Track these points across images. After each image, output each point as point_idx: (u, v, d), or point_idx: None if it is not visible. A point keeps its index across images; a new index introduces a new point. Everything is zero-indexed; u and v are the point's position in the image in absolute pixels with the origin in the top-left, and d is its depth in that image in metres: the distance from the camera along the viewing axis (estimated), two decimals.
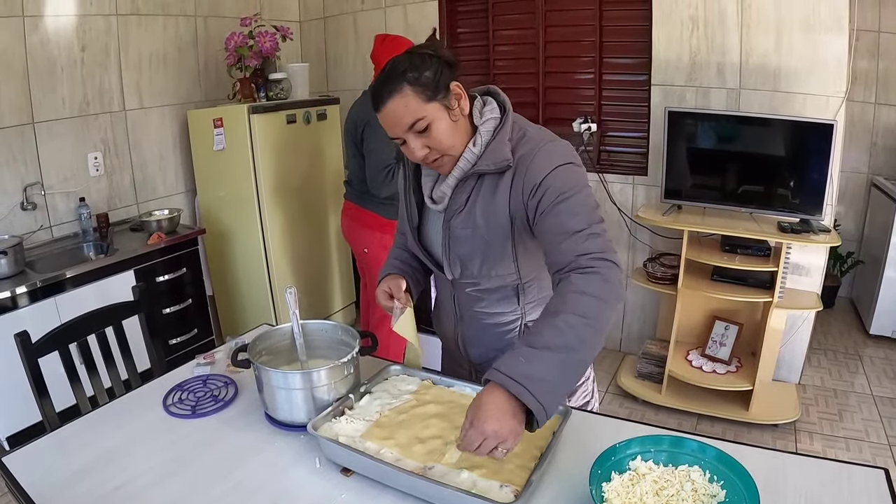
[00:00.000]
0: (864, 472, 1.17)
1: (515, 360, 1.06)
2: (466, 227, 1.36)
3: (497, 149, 1.30)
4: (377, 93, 1.26)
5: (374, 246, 2.94)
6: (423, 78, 1.23)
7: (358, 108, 2.80)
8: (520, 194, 1.29)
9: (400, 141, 1.30)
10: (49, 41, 3.01)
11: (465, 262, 1.40)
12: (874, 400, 3.10)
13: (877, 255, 3.78)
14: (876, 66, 3.91)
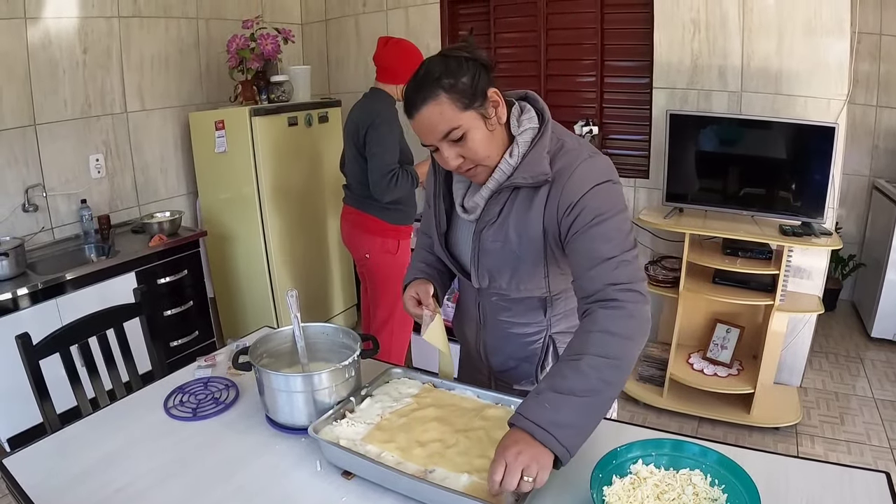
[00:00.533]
0: (866, 475, 1.16)
1: (541, 406, 1.07)
2: (497, 240, 1.33)
3: (535, 161, 1.26)
4: (410, 98, 1.22)
5: (376, 251, 2.92)
6: (459, 84, 1.18)
7: (360, 111, 2.77)
8: (555, 211, 1.25)
9: (433, 148, 1.26)
10: (51, 43, 3.02)
11: (494, 274, 1.37)
12: (875, 403, 3.09)
13: (878, 258, 3.78)
14: (877, 68, 3.91)
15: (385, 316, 3.04)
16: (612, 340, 1.12)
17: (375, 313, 3.07)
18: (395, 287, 3.00)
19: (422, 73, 1.22)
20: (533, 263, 1.33)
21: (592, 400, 1.09)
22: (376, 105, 2.74)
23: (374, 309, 3.08)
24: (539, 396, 1.09)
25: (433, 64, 1.22)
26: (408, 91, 1.23)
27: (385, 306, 3.03)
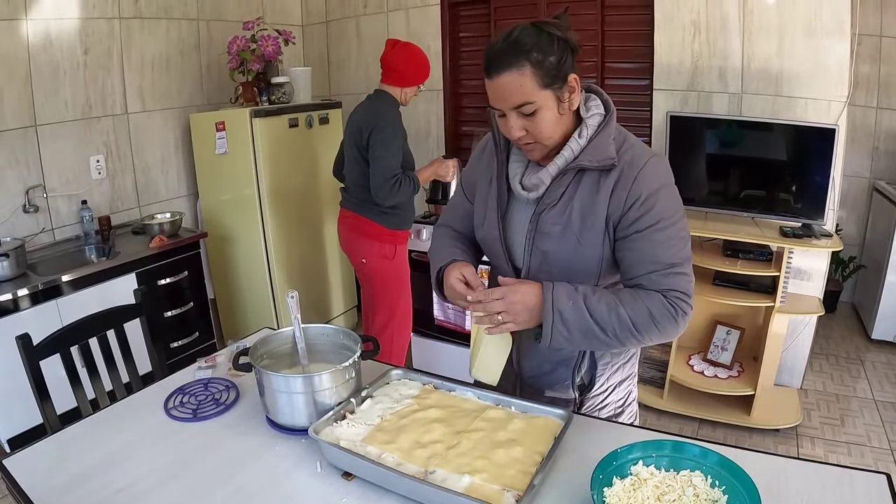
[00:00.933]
0: (867, 476, 1.16)
1: (569, 298, 1.21)
2: (558, 223, 1.30)
3: (601, 145, 1.25)
4: (493, 57, 1.18)
5: (373, 256, 2.90)
6: (546, 62, 1.17)
7: (364, 112, 2.75)
8: (622, 200, 1.25)
9: (498, 112, 1.24)
10: (52, 44, 3.03)
11: (548, 258, 1.32)
12: (876, 405, 3.09)
13: (879, 260, 3.78)
14: (878, 70, 3.91)
15: (385, 319, 3.03)
16: (649, 322, 1.22)
17: (375, 317, 3.06)
18: (394, 290, 3.00)
19: (512, 38, 1.18)
20: (591, 251, 1.30)
21: (595, 333, 1.22)
22: (381, 108, 2.73)
23: (372, 313, 3.07)
24: (575, 293, 1.22)
25: (526, 33, 1.18)
26: (493, 50, 1.19)
27: (384, 310, 3.03)
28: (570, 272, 1.31)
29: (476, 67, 3.89)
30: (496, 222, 1.38)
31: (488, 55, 1.19)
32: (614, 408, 1.51)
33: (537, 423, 1.28)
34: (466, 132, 4.05)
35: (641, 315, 1.21)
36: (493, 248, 1.42)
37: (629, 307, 1.21)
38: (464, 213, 1.53)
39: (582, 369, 1.44)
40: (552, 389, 1.47)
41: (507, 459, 1.16)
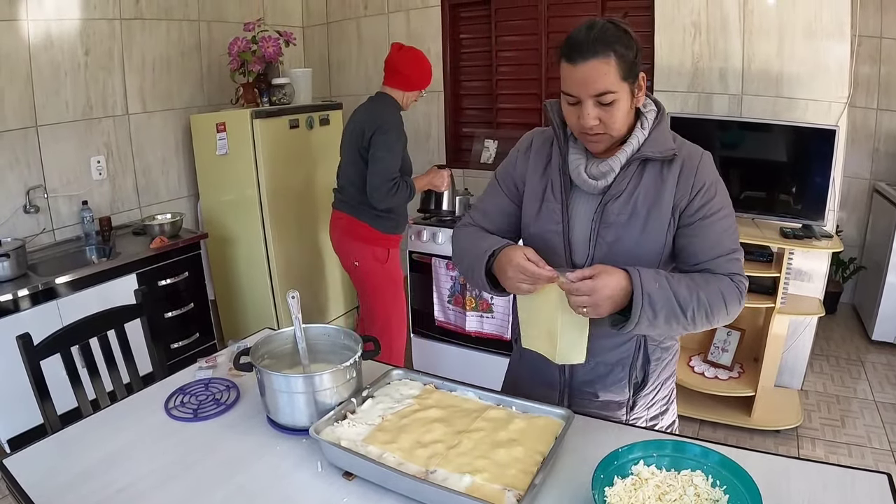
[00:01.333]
0: (868, 476, 1.17)
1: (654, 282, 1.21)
2: (624, 212, 1.32)
3: (661, 137, 1.31)
4: (579, 43, 1.19)
5: (367, 259, 2.90)
6: (627, 56, 1.20)
7: (366, 114, 2.75)
8: (689, 188, 1.30)
9: (573, 100, 1.24)
10: (53, 45, 3.03)
11: (612, 248, 1.33)
12: (876, 406, 3.09)
13: (879, 261, 3.78)
14: (878, 71, 3.92)
15: (383, 320, 3.04)
16: (721, 303, 1.27)
17: (373, 319, 3.06)
18: (388, 294, 3.01)
19: (597, 28, 1.20)
20: (654, 240, 1.32)
21: (677, 318, 1.23)
22: (385, 110, 2.73)
23: (369, 317, 3.07)
24: (659, 276, 1.23)
25: (609, 27, 1.21)
26: (578, 37, 1.20)
27: (381, 311, 3.03)
28: (633, 262, 1.29)
29: (477, 68, 3.90)
30: (559, 214, 1.37)
31: (573, 42, 1.20)
32: (660, 406, 1.51)
33: (538, 422, 1.28)
34: (467, 133, 4.05)
35: (716, 297, 1.26)
36: (551, 242, 1.39)
37: (704, 290, 1.25)
38: (498, 211, 1.49)
39: (637, 367, 1.43)
40: (607, 391, 1.44)
41: (507, 459, 1.16)
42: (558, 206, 1.37)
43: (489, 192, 1.52)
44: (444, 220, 3.34)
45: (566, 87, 1.24)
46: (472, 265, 1.39)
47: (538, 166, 1.42)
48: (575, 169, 1.35)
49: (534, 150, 1.44)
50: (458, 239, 1.51)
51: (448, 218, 3.33)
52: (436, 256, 3.30)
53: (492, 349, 3.27)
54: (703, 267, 1.31)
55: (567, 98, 1.25)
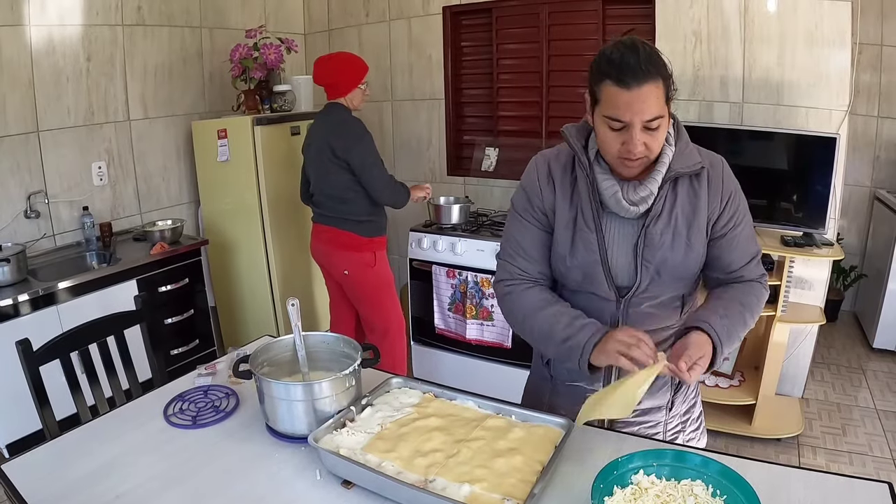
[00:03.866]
0: (868, 486, 1.16)
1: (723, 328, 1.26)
2: (667, 232, 1.30)
3: (685, 149, 1.31)
4: (635, 67, 1.14)
5: (355, 266, 2.93)
6: (668, 77, 1.19)
7: (330, 127, 2.78)
8: (718, 199, 1.32)
9: (619, 125, 1.19)
10: (55, 50, 3.04)
11: (659, 268, 1.32)
12: (878, 414, 3.08)
13: (880, 269, 3.77)
14: (879, 79, 3.92)
15: (384, 327, 3.05)
16: (758, 309, 1.36)
17: (373, 326, 3.08)
18: (383, 298, 3.03)
19: (645, 50, 1.17)
20: (697, 254, 1.34)
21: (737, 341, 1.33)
22: (345, 118, 2.78)
23: (368, 322, 3.10)
24: (725, 319, 1.28)
25: (654, 49, 1.19)
26: (628, 59, 1.15)
27: (381, 318, 3.05)
28: (678, 279, 1.36)
29: (478, 76, 3.90)
30: (594, 243, 1.33)
31: (624, 64, 1.15)
32: (689, 405, 1.56)
33: (537, 431, 1.28)
34: (467, 141, 4.06)
35: (757, 307, 1.35)
36: (591, 273, 1.34)
37: (749, 309, 1.33)
38: (537, 246, 1.40)
39: None
40: (652, 398, 1.45)
41: (507, 468, 1.16)
42: (593, 235, 1.32)
43: (517, 229, 1.42)
44: (443, 227, 3.35)
45: (613, 111, 1.18)
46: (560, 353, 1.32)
47: (565, 194, 1.36)
48: (612, 196, 1.28)
49: (556, 178, 1.36)
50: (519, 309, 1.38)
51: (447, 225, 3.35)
52: (436, 264, 3.30)
53: (492, 357, 3.26)
54: (737, 275, 1.37)
55: (611, 123, 1.19)
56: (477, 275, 3.17)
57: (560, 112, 3.66)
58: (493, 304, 3.16)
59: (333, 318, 3.30)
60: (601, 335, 1.25)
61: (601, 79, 1.19)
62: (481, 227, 3.36)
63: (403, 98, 4.13)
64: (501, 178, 3.84)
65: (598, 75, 1.20)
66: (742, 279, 1.38)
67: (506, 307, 1.42)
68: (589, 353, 1.25)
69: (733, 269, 1.37)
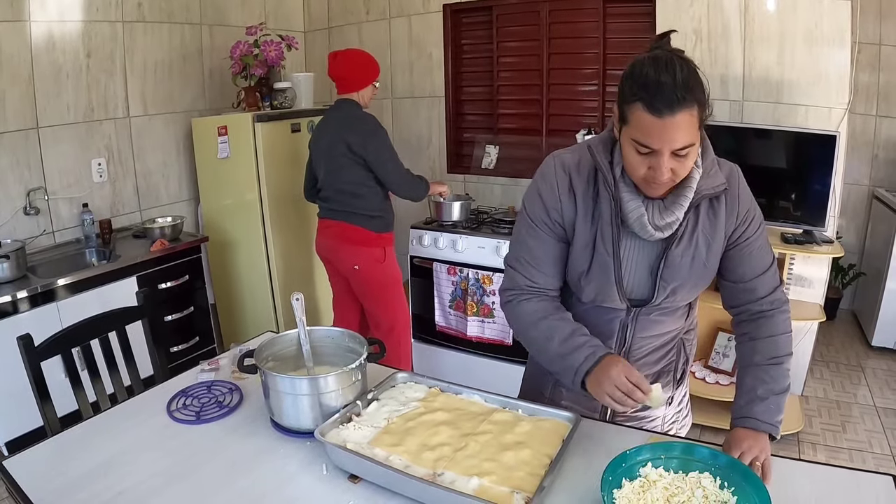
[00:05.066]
0: (873, 478, 1.17)
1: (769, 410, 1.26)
2: (687, 254, 1.28)
3: (712, 171, 1.25)
4: (670, 93, 1.06)
5: (365, 261, 2.92)
6: (704, 102, 1.12)
7: (342, 123, 2.80)
8: (736, 216, 1.29)
9: (646, 150, 1.12)
10: (55, 46, 3.03)
11: (677, 289, 1.31)
12: (877, 411, 3.09)
13: (879, 267, 3.78)
14: (877, 78, 3.93)
15: (390, 323, 3.05)
16: (789, 339, 1.35)
17: (378, 322, 3.07)
18: (391, 293, 3.03)
19: (682, 73, 1.08)
20: (712, 272, 1.33)
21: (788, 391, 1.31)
22: (357, 114, 2.80)
23: (374, 318, 3.09)
24: (766, 401, 1.26)
25: (685, 66, 1.11)
26: (664, 82, 1.07)
27: (387, 314, 3.04)
28: (691, 294, 1.36)
29: (479, 74, 3.90)
30: (611, 266, 1.29)
31: (661, 90, 1.07)
32: (683, 394, 1.56)
33: (545, 425, 1.28)
34: (468, 139, 4.06)
35: (787, 343, 1.34)
36: (605, 291, 1.32)
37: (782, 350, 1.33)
38: (551, 259, 1.35)
39: (678, 368, 1.48)
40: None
41: (515, 461, 1.16)
42: (611, 259, 1.29)
43: (531, 239, 1.35)
44: (444, 224, 3.35)
45: (642, 137, 1.11)
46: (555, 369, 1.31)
47: (587, 212, 1.30)
48: (637, 220, 1.23)
49: (578, 192, 1.30)
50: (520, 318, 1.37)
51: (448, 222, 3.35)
52: (437, 261, 3.30)
53: (493, 354, 3.26)
54: (750, 285, 1.34)
55: (639, 147, 1.13)
56: (478, 272, 3.17)
57: (560, 110, 3.66)
58: (495, 301, 3.16)
59: (337, 315, 3.29)
60: (594, 361, 1.23)
61: (632, 100, 1.11)
62: (482, 224, 3.36)
63: (403, 96, 4.13)
64: (502, 176, 3.85)
65: (629, 95, 1.12)
66: (757, 297, 1.34)
67: (508, 315, 1.41)
68: (581, 378, 1.24)
69: (746, 279, 1.34)
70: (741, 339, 1.38)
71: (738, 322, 1.40)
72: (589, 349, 1.25)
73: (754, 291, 1.34)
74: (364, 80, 2.85)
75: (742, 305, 1.37)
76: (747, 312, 1.37)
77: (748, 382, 1.30)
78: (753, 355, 1.33)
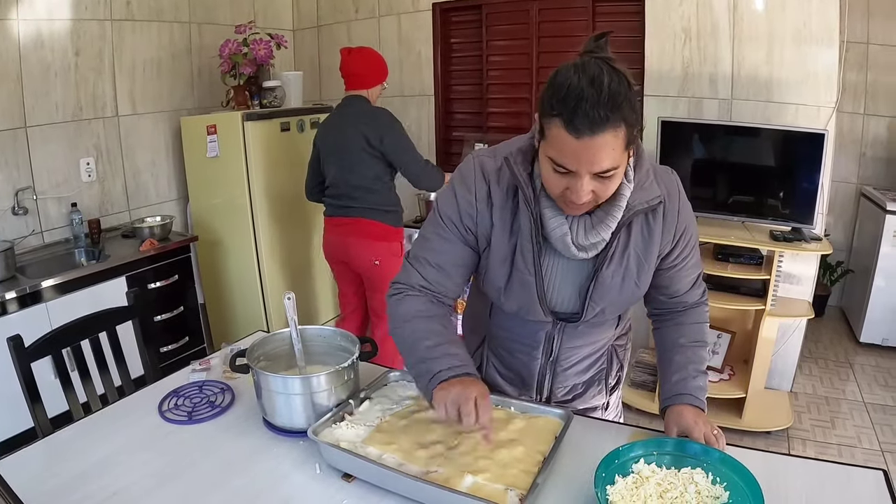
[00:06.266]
0: (864, 473, 1.19)
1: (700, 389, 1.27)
2: (617, 274, 1.21)
3: (646, 183, 1.16)
4: (591, 111, 0.95)
5: (385, 256, 2.91)
6: (632, 119, 0.99)
7: (359, 118, 2.79)
8: (672, 234, 1.23)
9: (563, 170, 1.03)
10: (43, 45, 3.00)
11: (606, 308, 1.25)
12: (866, 407, 3.12)
13: (866, 265, 3.82)
14: (865, 77, 3.97)
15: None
16: (708, 328, 1.37)
17: (381, 320, 3.05)
18: None
19: (605, 86, 0.96)
20: (642, 290, 1.28)
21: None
22: (375, 109, 2.82)
23: (375, 307, 3.07)
24: (697, 379, 1.27)
25: (615, 80, 0.98)
26: (589, 100, 0.96)
27: None
28: (623, 309, 1.34)
29: (467, 72, 3.90)
30: (533, 285, 1.22)
31: (582, 107, 0.96)
32: (617, 401, 1.56)
33: (537, 422, 1.28)
34: (457, 138, 4.06)
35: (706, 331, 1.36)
36: (527, 307, 1.26)
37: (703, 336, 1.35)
38: (454, 263, 1.26)
39: (612, 374, 1.49)
40: (587, 402, 1.48)
41: (508, 459, 1.16)
42: (531, 278, 1.21)
43: (437, 239, 1.26)
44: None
45: (560, 157, 1.01)
46: (414, 370, 1.23)
47: (504, 226, 1.21)
48: (559, 239, 1.15)
49: (496, 204, 1.21)
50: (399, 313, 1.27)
51: None
52: None
53: None
54: (680, 299, 1.35)
55: (555, 167, 1.04)
56: None
57: None
58: None
59: (347, 318, 3.26)
60: (455, 374, 1.15)
61: (550, 114, 1.00)
62: None
63: (393, 94, 4.11)
64: None
65: (547, 107, 1.01)
66: (684, 303, 1.36)
67: (390, 309, 1.30)
68: (436, 384, 1.15)
69: (678, 294, 1.34)
70: (664, 322, 1.39)
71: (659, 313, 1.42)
72: (455, 361, 1.17)
73: (681, 301, 1.36)
74: (377, 78, 2.89)
75: (666, 310, 1.39)
76: (671, 311, 1.39)
77: (679, 360, 1.30)
78: (679, 337, 1.34)
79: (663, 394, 1.30)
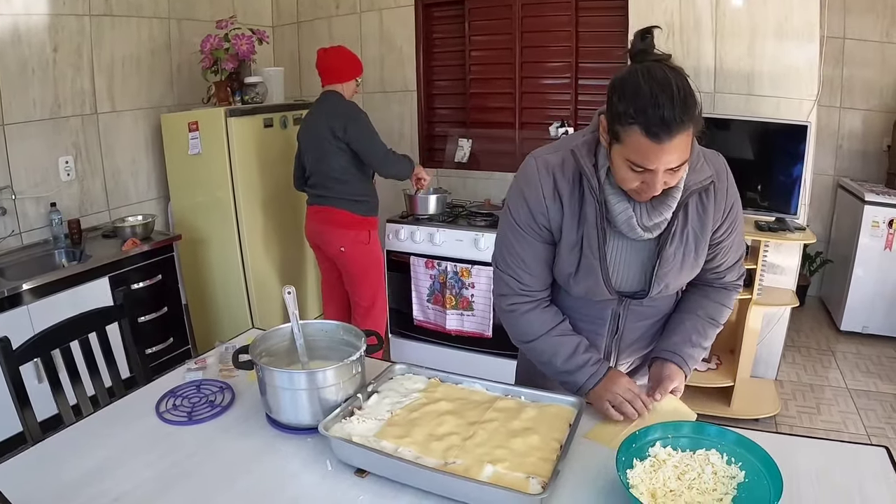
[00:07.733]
0: (867, 450, 1.23)
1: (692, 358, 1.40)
2: (679, 252, 1.30)
3: (698, 165, 1.24)
4: (669, 119, 1.04)
5: (350, 243, 3.05)
6: (699, 118, 1.09)
7: (328, 112, 2.92)
8: (723, 210, 1.31)
9: (639, 170, 1.11)
10: (20, 41, 2.92)
11: (670, 283, 1.33)
12: (849, 393, 3.18)
13: (845, 255, 3.89)
14: (841, 71, 4.04)
15: (367, 304, 3.18)
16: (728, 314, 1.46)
17: (359, 300, 3.19)
18: (374, 274, 3.18)
19: (683, 91, 1.06)
20: (702, 261, 1.35)
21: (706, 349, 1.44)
22: (344, 103, 2.96)
23: (356, 297, 3.20)
24: (695, 349, 1.39)
25: (681, 82, 1.07)
26: (666, 108, 1.04)
27: (366, 295, 3.17)
28: (684, 283, 1.40)
29: (451, 68, 3.89)
30: (597, 269, 1.29)
31: (661, 116, 1.04)
32: None
33: (549, 410, 1.28)
34: (439, 133, 4.05)
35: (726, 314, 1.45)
36: (594, 290, 1.34)
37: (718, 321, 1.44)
38: (541, 262, 1.36)
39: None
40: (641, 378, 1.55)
41: (525, 447, 1.16)
42: (597, 262, 1.29)
43: (518, 243, 1.35)
44: (420, 218, 3.34)
45: (639, 159, 1.10)
46: (558, 379, 1.41)
47: (573, 214, 1.29)
48: (625, 222, 1.23)
49: (563, 195, 1.28)
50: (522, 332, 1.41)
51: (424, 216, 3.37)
52: (414, 255, 3.29)
53: (473, 347, 3.27)
54: (720, 274, 1.42)
55: (633, 167, 1.12)
56: (456, 265, 3.17)
57: (533, 103, 3.68)
58: (474, 294, 3.16)
59: (326, 300, 3.42)
60: (598, 380, 1.34)
61: (628, 122, 1.07)
62: (458, 217, 3.36)
63: (374, 90, 4.10)
64: (475, 170, 3.85)
65: (623, 116, 1.08)
66: (722, 279, 1.43)
67: (508, 324, 1.44)
68: (585, 394, 1.35)
69: (720, 270, 1.41)
70: (693, 289, 1.47)
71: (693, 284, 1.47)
72: (592, 368, 1.35)
73: (722, 278, 1.43)
74: (349, 73, 3.01)
75: (701, 283, 1.46)
76: (705, 285, 1.46)
77: (687, 326, 1.40)
78: (699, 308, 1.43)
79: (658, 345, 1.43)
